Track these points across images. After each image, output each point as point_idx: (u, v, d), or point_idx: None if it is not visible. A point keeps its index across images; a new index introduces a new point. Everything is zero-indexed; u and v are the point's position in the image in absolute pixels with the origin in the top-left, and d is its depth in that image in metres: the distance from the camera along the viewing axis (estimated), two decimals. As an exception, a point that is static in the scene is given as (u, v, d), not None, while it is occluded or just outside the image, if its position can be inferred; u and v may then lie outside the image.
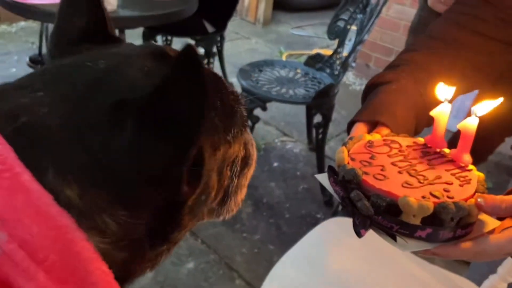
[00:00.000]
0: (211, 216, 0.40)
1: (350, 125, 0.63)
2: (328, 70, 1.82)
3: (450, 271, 1.50)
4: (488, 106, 0.51)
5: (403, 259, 0.94)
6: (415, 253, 0.48)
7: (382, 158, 0.53)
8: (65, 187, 0.27)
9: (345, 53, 1.77)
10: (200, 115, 0.28)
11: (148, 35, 2.11)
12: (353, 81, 2.87)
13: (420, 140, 0.58)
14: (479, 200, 0.46)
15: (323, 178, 0.55)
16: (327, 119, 1.72)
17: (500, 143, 1.49)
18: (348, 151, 0.54)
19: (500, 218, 0.48)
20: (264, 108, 1.66)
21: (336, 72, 1.74)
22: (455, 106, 2.33)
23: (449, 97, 0.54)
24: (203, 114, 0.28)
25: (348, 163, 0.51)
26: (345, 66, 1.66)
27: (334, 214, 1.79)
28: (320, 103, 1.64)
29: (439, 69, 0.67)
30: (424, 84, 0.65)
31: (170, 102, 0.27)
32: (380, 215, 0.46)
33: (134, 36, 2.85)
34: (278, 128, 2.34)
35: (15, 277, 0.24)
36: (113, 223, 0.29)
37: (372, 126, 0.61)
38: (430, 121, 0.57)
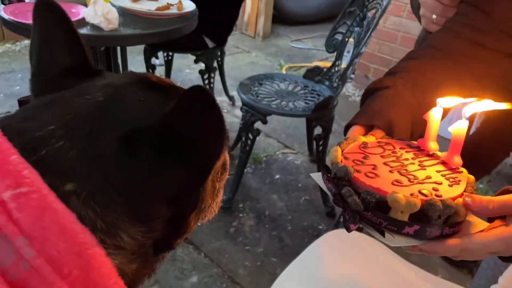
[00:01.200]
0: (201, 220, 0.42)
1: (347, 128, 0.65)
2: (327, 83, 1.84)
3: (454, 281, 1.50)
4: (478, 107, 0.53)
5: (406, 272, 0.95)
6: (403, 248, 0.49)
7: (375, 158, 0.55)
8: (87, 210, 0.29)
9: (343, 65, 1.80)
10: (220, 143, 0.32)
11: (150, 51, 2.14)
12: (353, 92, 2.90)
13: (414, 143, 0.60)
14: (466, 199, 0.48)
15: (317, 177, 0.57)
16: (327, 131, 1.73)
17: (504, 157, 1.50)
18: (342, 151, 0.56)
19: (490, 220, 0.49)
20: (264, 122, 1.68)
21: (335, 84, 1.76)
22: (454, 114, 2.34)
23: (447, 105, 0.55)
24: (222, 142, 0.32)
25: (341, 161, 0.54)
26: (343, 78, 1.68)
27: (336, 225, 1.79)
28: (320, 116, 1.66)
29: (437, 76, 0.69)
30: (422, 90, 0.67)
31: (183, 132, 0.30)
32: (370, 211, 0.48)
33: (135, 52, 2.88)
34: (279, 140, 2.36)
35: None
36: (129, 239, 0.31)
37: (368, 129, 0.63)
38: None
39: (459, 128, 0.52)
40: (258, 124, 1.73)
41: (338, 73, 1.77)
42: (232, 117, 2.50)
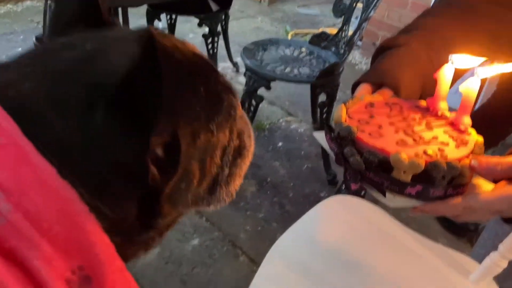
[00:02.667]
0: (200, 204, 0.40)
1: (355, 87, 0.63)
2: (333, 49, 1.80)
3: (453, 248, 1.51)
4: (494, 69, 0.51)
5: (405, 237, 0.95)
6: (403, 209, 0.48)
7: (381, 118, 0.53)
8: (62, 164, 0.27)
9: (350, 31, 1.75)
10: (160, 106, 0.28)
11: (152, 14, 2.09)
12: (360, 60, 2.84)
13: (423, 103, 0.58)
14: (472, 162, 0.46)
15: (320, 137, 0.56)
16: (331, 98, 1.71)
17: None
18: (347, 110, 0.55)
19: (497, 181, 0.48)
20: (268, 88, 1.65)
21: (342, 51, 1.72)
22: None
23: (460, 63, 0.53)
24: (161, 105, 0.28)
25: (345, 121, 0.52)
26: (350, 44, 1.64)
27: (338, 193, 1.80)
28: (325, 82, 1.63)
29: (454, 35, 0.66)
30: (436, 50, 0.64)
31: (135, 92, 0.28)
32: (372, 171, 0.47)
33: (138, 15, 2.83)
34: (283, 108, 2.33)
35: (20, 246, 0.25)
36: (104, 207, 0.29)
37: (377, 88, 0.61)
38: None
39: (470, 87, 0.50)
40: (262, 91, 1.71)
41: (345, 39, 1.72)
42: (236, 84, 2.47)
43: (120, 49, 0.32)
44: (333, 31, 1.88)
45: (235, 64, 2.58)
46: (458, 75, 0.56)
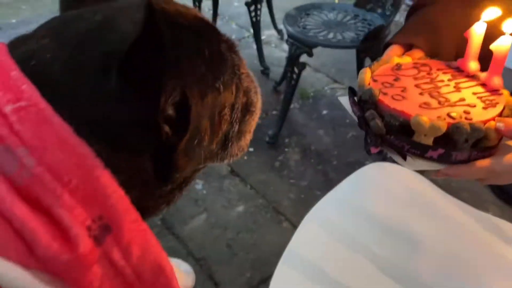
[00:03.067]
0: (214, 160, 0.43)
1: (385, 48, 0.61)
2: (379, 11, 1.72)
3: (506, 219, 1.45)
4: None
5: (447, 205, 0.92)
6: (426, 173, 0.48)
7: (407, 80, 0.52)
8: (79, 125, 0.30)
9: (398, -9, 1.66)
10: (165, 71, 0.30)
11: (195, -16, 2.10)
12: (411, 22, 2.70)
13: (454, 63, 0.55)
14: (498, 124, 0.44)
15: (345, 101, 0.55)
16: (377, 63, 1.65)
17: None
18: (373, 73, 0.54)
19: None
20: (310, 54, 1.62)
21: (388, 12, 1.65)
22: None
23: (491, 17, 0.50)
24: (168, 67, 0.30)
25: (368, 84, 0.51)
26: (396, 4, 1.56)
27: (383, 161, 1.76)
28: (370, 46, 1.57)
29: None
30: (474, 5, 0.60)
31: (141, 58, 0.30)
32: (393, 135, 0.46)
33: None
34: (328, 75, 2.29)
35: (44, 196, 0.28)
36: (120, 161, 0.32)
37: (408, 49, 0.59)
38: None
39: (501, 45, 0.47)
40: (306, 59, 1.68)
41: (392, 0, 1.64)
42: (281, 52, 2.44)
43: (126, 17, 0.34)
44: (380, -8, 1.79)
45: (279, 32, 2.54)
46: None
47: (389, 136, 0.47)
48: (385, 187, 0.96)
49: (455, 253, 0.82)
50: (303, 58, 1.68)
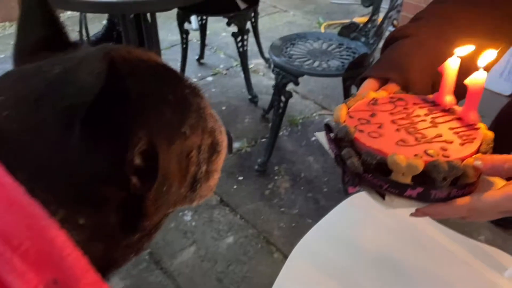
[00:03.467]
0: (183, 203, 0.42)
1: (361, 82, 0.61)
2: (363, 39, 1.75)
3: (498, 242, 1.44)
4: (490, 55, 0.48)
5: (435, 233, 0.92)
6: (405, 212, 0.47)
7: (383, 116, 0.51)
8: (34, 183, 0.29)
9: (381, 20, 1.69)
10: (131, 123, 0.30)
11: (182, 17, 2.13)
12: (396, 48, 2.75)
13: (430, 97, 0.55)
14: (475, 162, 0.44)
15: (322, 136, 0.54)
16: (362, 90, 1.67)
17: None
18: (349, 109, 0.53)
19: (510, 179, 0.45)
20: (296, 83, 1.64)
21: (371, 41, 1.68)
22: (506, 69, 2.17)
23: (464, 53, 0.50)
24: (133, 122, 0.30)
25: (344, 121, 0.51)
26: (378, 33, 1.59)
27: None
28: (354, 74, 1.59)
29: (467, 22, 0.62)
30: (447, 39, 0.59)
31: (105, 111, 0.29)
32: (371, 173, 0.45)
33: (173, 18, 2.89)
34: (316, 102, 2.31)
35: None
36: (82, 218, 0.31)
37: (383, 83, 0.58)
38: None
39: (476, 79, 0.47)
40: (295, 86, 1.69)
41: (374, 29, 1.68)
42: (269, 80, 2.47)
43: (87, 69, 0.33)
44: (366, 20, 1.82)
45: (267, 60, 2.57)
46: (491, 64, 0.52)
47: (367, 174, 0.46)
48: (374, 216, 0.95)
49: (447, 284, 0.81)
50: (291, 85, 1.69)
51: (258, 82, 2.44)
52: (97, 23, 3.08)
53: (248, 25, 2.18)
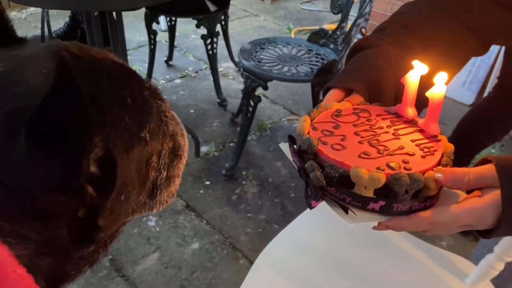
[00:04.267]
0: (143, 210, 0.39)
1: (325, 92, 0.60)
2: (332, 46, 1.77)
3: (459, 248, 1.47)
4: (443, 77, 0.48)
5: (399, 240, 0.92)
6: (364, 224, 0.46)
7: (346, 128, 0.51)
8: None
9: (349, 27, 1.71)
10: (85, 128, 0.27)
11: (150, 17, 2.09)
12: (364, 56, 2.80)
13: (393, 109, 0.55)
14: (436, 174, 0.44)
15: (286, 148, 0.53)
16: (330, 97, 1.68)
17: None
18: (312, 120, 0.52)
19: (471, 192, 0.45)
20: (265, 88, 1.63)
21: (340, 48, 1.69)
22: (468, 78, 2.24)
23: (424, 71, 0.51)
24: (87, 127, 0.27)
25: (308, 132, 0.50)
26: (347, 40, 1.61)
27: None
28: (323, 80, 1.60)
29: (429, 33, 0.63)
30: (410, 49, 0.60)
31: (56, 115, 0.26)
32: (333, 186, 0.45)
33: (141, 18, 2.83)
34: (285, 107, 2.31)
35: None
36: (29, 231, 0.28)
37: (348, 93, 0.57)
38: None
39: (436, 93, 0.47)
40: (264, 91, 1.68)
41: (343, 36, 1.69)
42: (238, 84, 2.45)
43: (34, 68, 0.30)
44: (335, 27, 1.84)
45: (237, 64, 2.56)
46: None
47: (330, 188, 0.45)
48: (339, 223, 0.95)
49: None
50: (260, 90, 1.68)
51: (228, 85, 2.42)
52: (61, 20, 2.97)
53: (218, 28, 2.16)
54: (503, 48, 1.29)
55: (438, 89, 0.47)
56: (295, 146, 0.50)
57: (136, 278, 1.37)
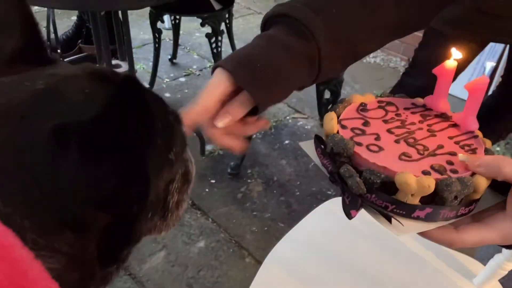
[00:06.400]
0: (154, 232, 0.40)
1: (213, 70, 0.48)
2: (337, 44, 1.77)
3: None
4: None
5: (407, 240, 0.92)
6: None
7: (377, 124, 0.47)
8: (13, 206, 0.26)
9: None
10: (148, 140, 0.29)
11: (155, 16, 2.08)
12: (368, 54, 2.79)
13: (420, 101, 0.52)
14: (461, 157, 0.42)
15: (308, 147, 0.49)
16: (336, 95, 1.68)
17: None
18: (338, 117, 0.48)
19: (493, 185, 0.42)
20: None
21: (345, 46, 1.69)
22: (473, 77, 2.24)
23: (459, 56, 0.47)
24: (150, 139, 0.29)
25: (337, 131, 0.46)
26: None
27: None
28: (328, 79, 1.60)
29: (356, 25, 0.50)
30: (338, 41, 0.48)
31: (116, 127, 0.27)
32: (374, 193, 0.41)
33: (146, 16, 2.84)
34: (289, 105, 2.31)
35: None
36: (62, 244, 0.28)
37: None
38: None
39: (477, 84, 0.44)
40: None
41: (348, 34, 1.69)
42: (242, 82, 2.45)
43: (75, 87, 0.31)
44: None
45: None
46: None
47: (369, 195, 0.41)
48: (348, 223, 0.95)
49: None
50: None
51: (232, 83, 2.42)
52: (66, 19, 2.98)
53: (222, 26, 2.16)
54: (508, 46, 1.29)
55: (480, 80, 0.44)
56: (322, 147, 0.46)
57: (143, 276, 1.38)
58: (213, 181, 1.80)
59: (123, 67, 1.78)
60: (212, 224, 1.61)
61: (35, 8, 3.22)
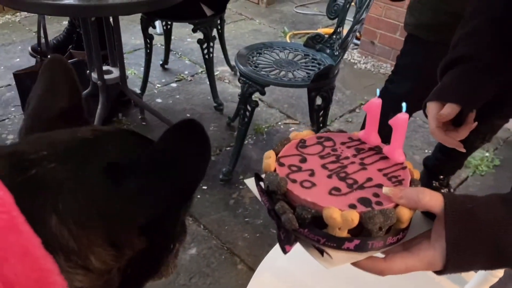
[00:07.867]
0: (158, 275, 0.43)
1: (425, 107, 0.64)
2: (328, 51, 1.78)
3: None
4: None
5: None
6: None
7: (313, 160, 0.50)
8: (63, 229, 0.30)
9: (346, 32, 1.72)
10: (201, 168, 0.34)
11: (146, 21, 2.08)
12: (358, 60, 2.81)
13: (356, 135, 0.55)
14: (385, 190, 0.44)
15: (252, 184, 0.51)
16: (327, 102, 1.69)
17: (502, 123, 1.43)
18: (277, 154, 0.51)
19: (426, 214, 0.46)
20: (262, 93, 1.63)
21: (336, 53, 1.70)
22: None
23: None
24: (203, 167, 0.34)
25: (275, 169, 0.48)
26: (343, 46, 1.62)
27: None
28: (319, 85, 1.61)
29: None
30: None
31: (173, 157, 0.32)
32: (306, 228, 0.43)
33: (137, 21, 2.83)
34: (281, 111, 2.31)
35: None
36: (98, 262, 0.31)
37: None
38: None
39: (399, 120, 0.47)
40: (261, 96, 1.69)
41: (339, 41, 1.70)
42: (234, 87, 2.45)
43: (119, 139, 0.37)
44: (331, 31, 1.85)
45: (232, 68, 2.56)
46: None
47: (302, 229, 0.43)
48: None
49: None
50: (257, 94, 1.68)
51: (224, 89, 2.42)
52: (56, 24, 2.96)
53: (214, 32, 2.16)
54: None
55: (401, 116, 0.48)
56: (262, 185, 0.48)
57: (134, 285, 1.37)
58: (204, 187, 1.79)
59: (114, 73, 1.77)
60: (204, 231, 1.60)
61: (24, 12, 3.20)
